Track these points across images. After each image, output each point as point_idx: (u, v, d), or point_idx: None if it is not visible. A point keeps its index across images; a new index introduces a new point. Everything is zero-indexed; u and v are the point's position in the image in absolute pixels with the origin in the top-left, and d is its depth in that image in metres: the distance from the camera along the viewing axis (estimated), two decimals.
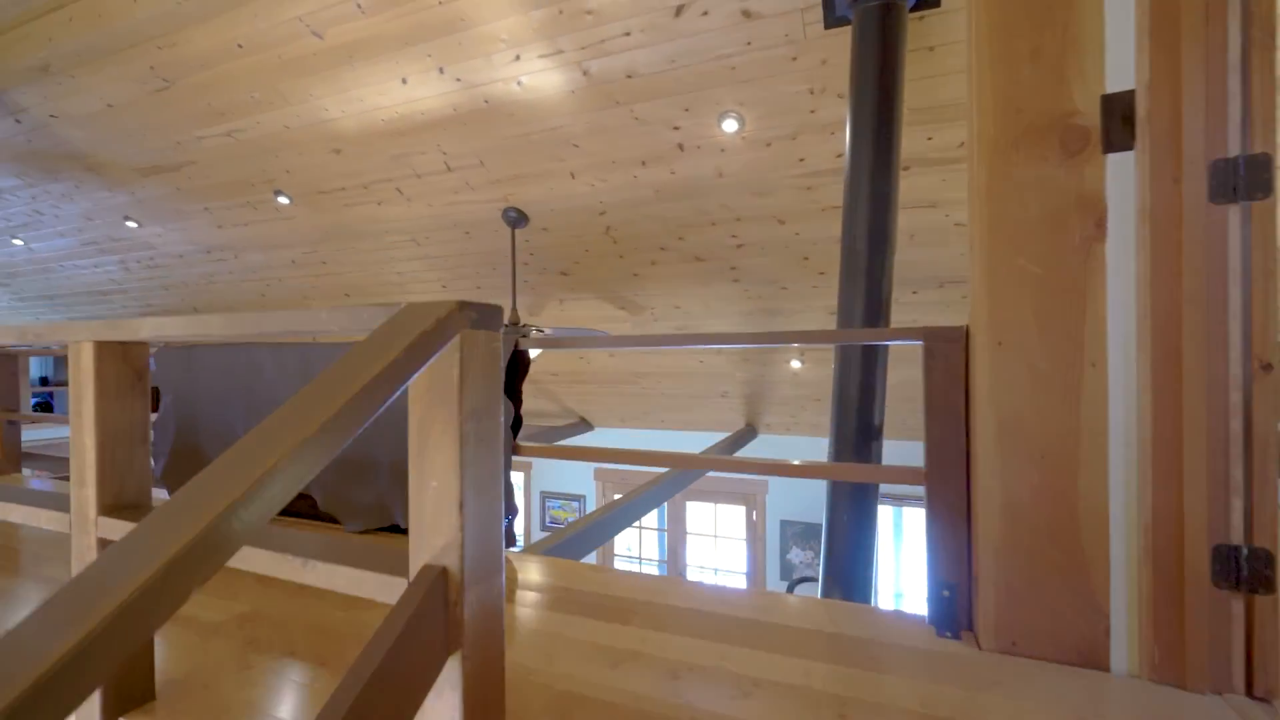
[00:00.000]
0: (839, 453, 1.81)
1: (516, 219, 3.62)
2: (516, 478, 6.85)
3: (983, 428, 1.22)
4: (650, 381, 5.09)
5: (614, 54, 2.55)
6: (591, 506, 6.51)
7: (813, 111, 2.63)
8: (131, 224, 4.74)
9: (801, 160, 2.87)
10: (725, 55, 2.47)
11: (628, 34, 2.45)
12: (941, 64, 2.31)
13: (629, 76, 2.64)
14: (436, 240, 4.08)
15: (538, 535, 6.64)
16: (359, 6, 2.52)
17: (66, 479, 1.50)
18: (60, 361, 6.56)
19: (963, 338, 1.33)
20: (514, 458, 1.85)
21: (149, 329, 0.97)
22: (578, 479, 6.57)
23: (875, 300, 1.81)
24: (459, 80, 2.81)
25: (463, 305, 0.69)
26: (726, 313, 4.11)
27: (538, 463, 6.74)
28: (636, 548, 6.44)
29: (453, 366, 0.69)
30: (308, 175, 3.73)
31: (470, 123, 3.05)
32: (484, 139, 3.14)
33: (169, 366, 2.69)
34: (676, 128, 2.86)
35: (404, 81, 2.88)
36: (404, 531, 1.81)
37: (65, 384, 3.96)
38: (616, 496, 5.74)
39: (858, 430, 1.77)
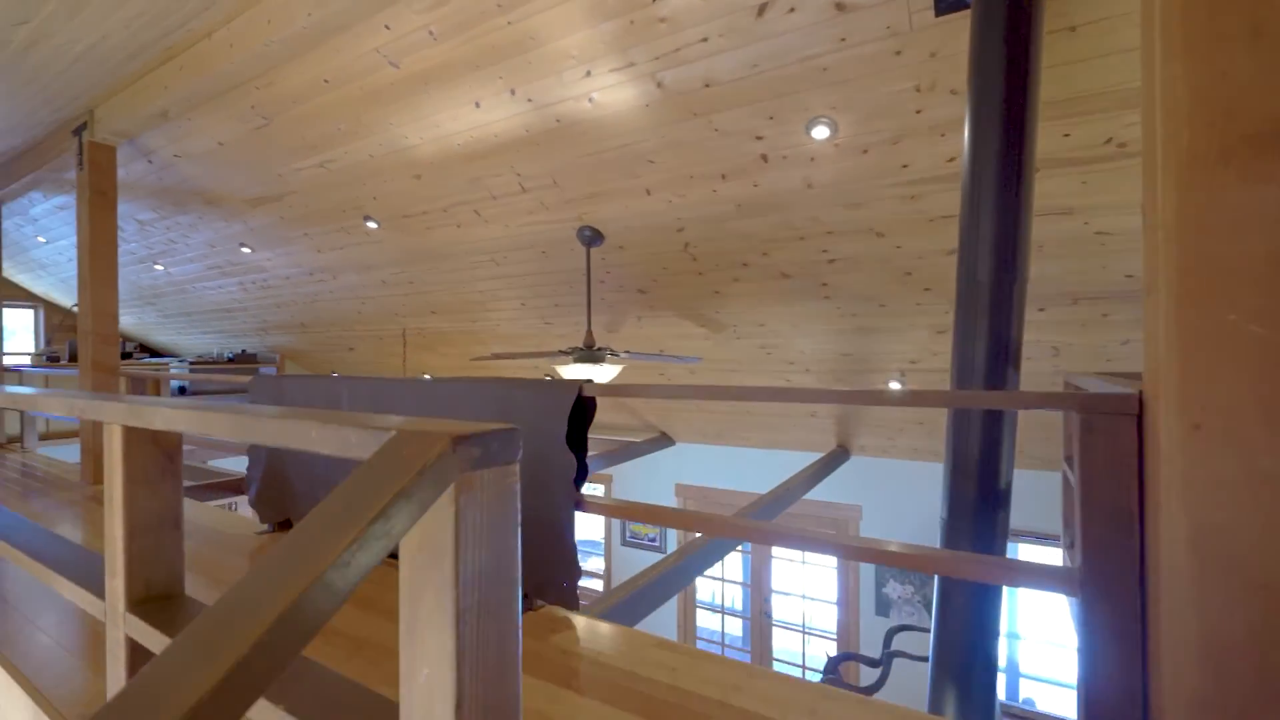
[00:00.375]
0: (956, 524, 1.50)
1: (591, 238, 3.51)
2: (595, 489, 6.80)
3: (1170, 537, 0.91)
4: None
5: (690, 62, 2.35)
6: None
7: (918, 112, 2.30)
8: (246, 250, 5.11)
9: (905, 167, 2.54)
10: (815, 55, 2.20)
11: (705, 40, 2.24)
12: (1085, 47, 1.92)
13: (707, 85, 2.43)
14: (514, 260, 4.06)
15: (619, 552, 6.54)
16: (431, 34, 2.49)
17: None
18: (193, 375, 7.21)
19: (1135, 409, 1.02)
20: (584, 494, 1.69)
21: (162, 419, 0.88)
22: (661, 491, 6.41)
23: (1002, 343, 1.48)
24: (530, 101, 2.72)
25: (459, 441, 0.52)
26: (815, 331, 3.78)
27: (618, 473, 6.64)
28: (720, 569, 6.18)
29: (446, 525, 0.52)
30: (392, 201, 3.82)
31: (543, 143, 2.96)
32: (557, 158, 3.04)
33: (262, 393, 2.80)
34: (760, 137, 2.61)
35: (477, 105, 2.83)
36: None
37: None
38: (696, 536, 5.53)
39: (980, 498, 1.46)
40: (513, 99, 2.74)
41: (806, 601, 5.65)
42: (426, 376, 3.70)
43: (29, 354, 7.89)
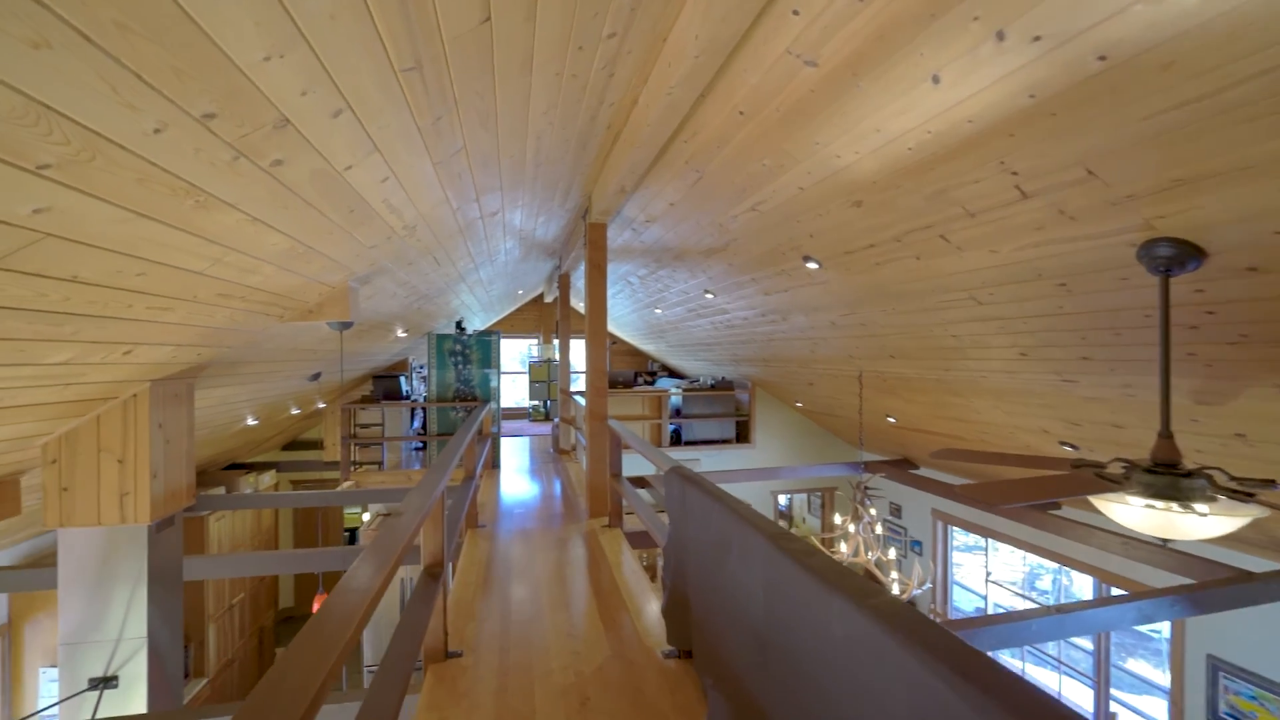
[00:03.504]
0: None
1: (1172, 259, 1.87)
2: None
3: None
4: None
5: None
6: None
7: None
8: (709, 296, 5.28)
9: None
10: None
11: None
12: None
13: None
14: (1006, 297, 2.68)
15: None
16: None
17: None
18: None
19: None
20: None
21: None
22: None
23: None
24: (1039, 39, 1.48)
25: None
26: None
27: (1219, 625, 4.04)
28: None
29: None
30: (831, 237, 3.05)
31: (1065, 109, 1.63)
32: (1098, 130, 1.65)
33: (672, 494, 2.49)
34: None
35: (935, 81, 1.76)
36: None
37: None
38: None
39: None
40: (1001, 48, 1.55)
41: None
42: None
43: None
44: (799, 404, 7.72)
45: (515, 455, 7.39)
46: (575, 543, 3.87)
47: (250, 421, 4.96)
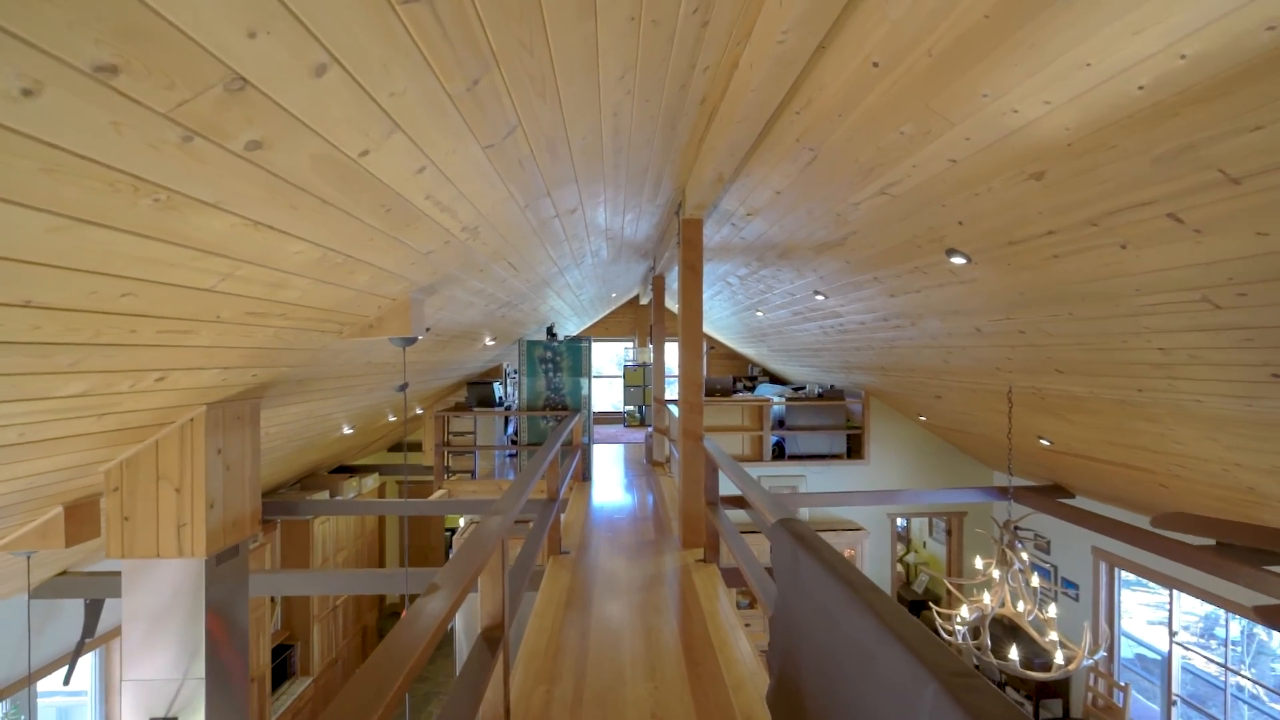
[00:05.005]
0: None
1: None
2: None
3: None
4: None
5: None
6: None
7: None
8: (819, 297, 4.64)
9: None
10: None
11: None
12: None
13: None
14: (1266, 299, 1.89)
15: None
16: None
17: None
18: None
19: None
20: None
21: None
22: None
23: None
24: None
25: None
26: None
27: None
28: None
29: None
30: (990, 223, 2.38)
31: None
32: None
33: (781, 556, 1.96)
34: None
35: None
36: None
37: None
38: None
39: None
40: None
41: None
42: None
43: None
44: (922, 418, 6.79)
45: (607, 466, 7.10)
46: (666, 582, 3.43)
47: (346, 430, 4.99)
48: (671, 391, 11.93)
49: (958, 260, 2.79)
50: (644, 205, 3.97)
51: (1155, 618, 5.54)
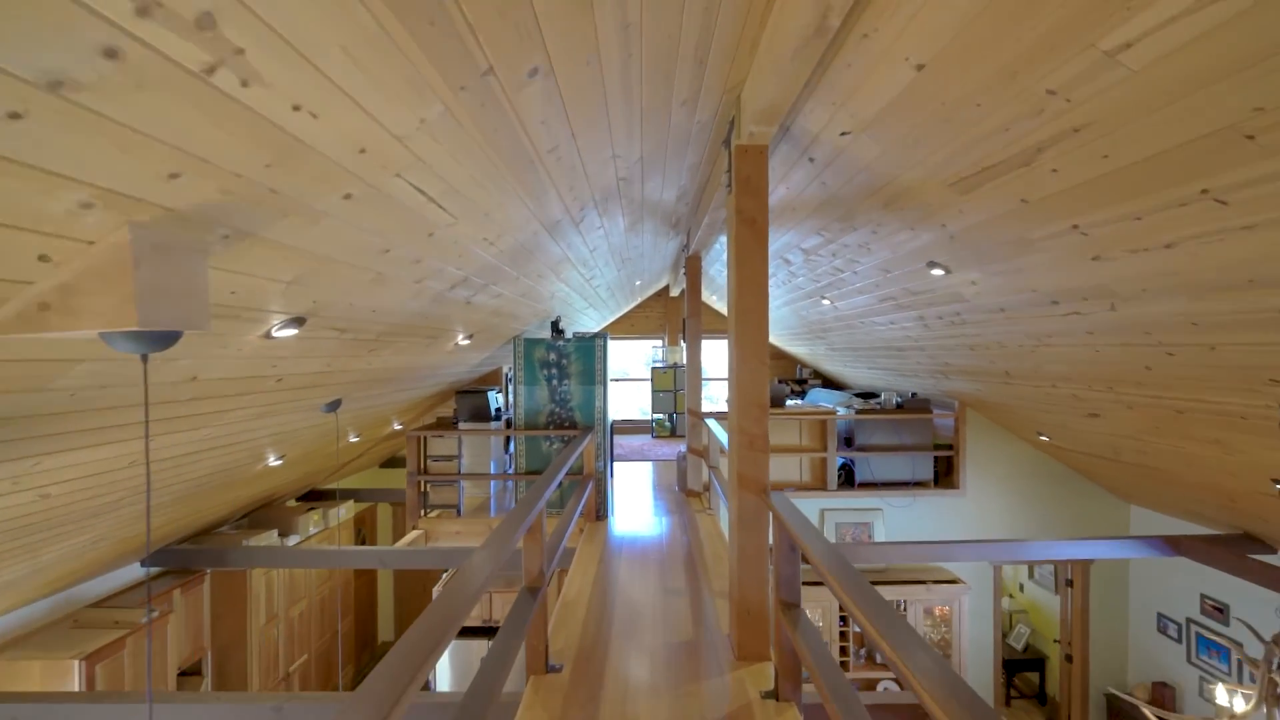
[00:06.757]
0: None
1: None
2: None
3: None
4: None
5: None
6: None
7: None
8: (937, 272, 3.13)
9: None
10: None
11: None
12: None
13: None
14: None
15: None
16: None
17: None
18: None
19: None
20: None
21: None
22: None
23: None
24: None
25: None
26: None
27: None
28: None
29: None
30: None
31: None
32: None
33: None
34: None
35: None
36: None
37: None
38: None
39: None
40: None
41: None
42: None
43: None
44: (1044, 437, 5.17)
45: (630, 495, 5.69)
46: None
47: (273, 462, 3.71)
48: (711, 402, 10.35)
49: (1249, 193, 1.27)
50: (670, 129, 2.53)
51: None
